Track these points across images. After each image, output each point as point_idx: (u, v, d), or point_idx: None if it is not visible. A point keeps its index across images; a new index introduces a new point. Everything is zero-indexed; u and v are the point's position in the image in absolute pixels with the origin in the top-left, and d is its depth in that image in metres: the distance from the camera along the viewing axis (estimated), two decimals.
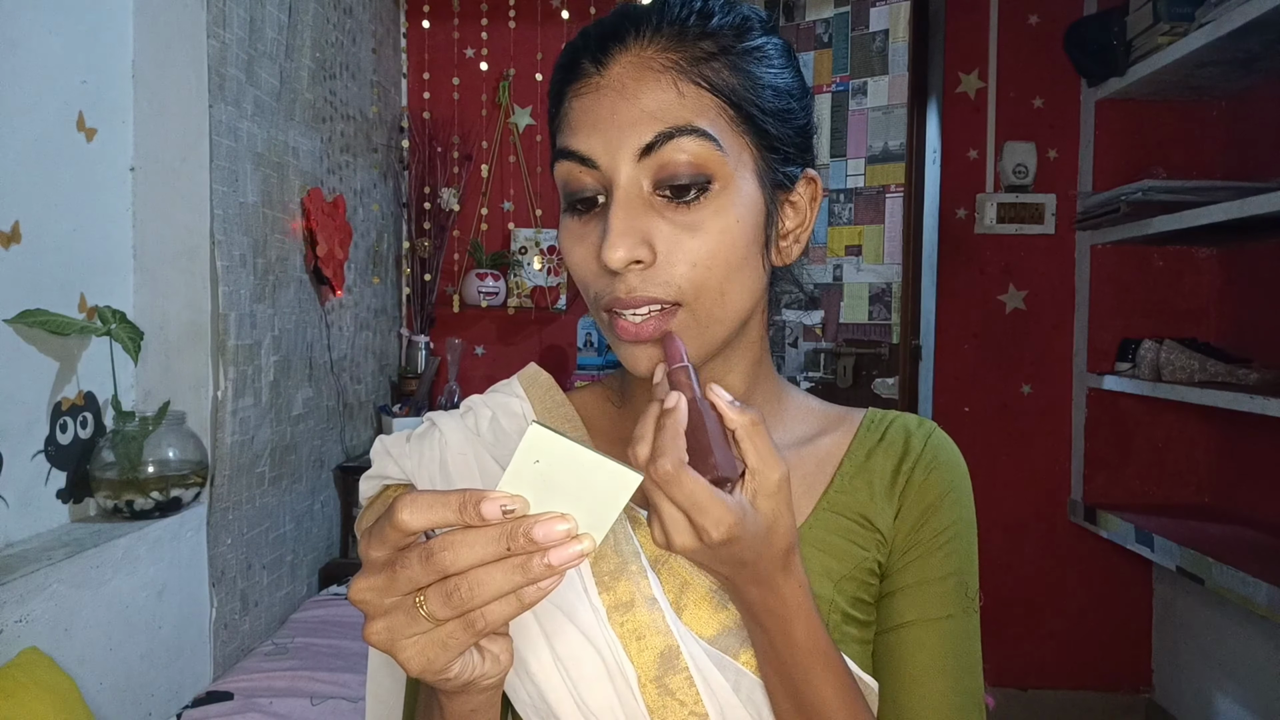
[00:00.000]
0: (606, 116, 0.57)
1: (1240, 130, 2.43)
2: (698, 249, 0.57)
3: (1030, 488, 2.67)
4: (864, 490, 0.67)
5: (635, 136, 0.56)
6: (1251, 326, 2.35)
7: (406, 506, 0.43)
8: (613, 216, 0.56)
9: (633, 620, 0.61)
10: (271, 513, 2.06)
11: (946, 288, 2.64)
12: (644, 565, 0.63)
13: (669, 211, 0.57)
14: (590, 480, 0.43)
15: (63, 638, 1.37)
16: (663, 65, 0.57)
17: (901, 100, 2.39)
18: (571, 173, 0.59)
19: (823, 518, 0.66)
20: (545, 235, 2.97)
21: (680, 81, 0.57)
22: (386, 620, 0.45)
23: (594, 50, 0.59)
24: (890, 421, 0.71)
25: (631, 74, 0.57)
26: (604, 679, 0.60)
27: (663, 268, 0.57)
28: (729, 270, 0.58)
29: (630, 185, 0.57)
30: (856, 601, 0.65)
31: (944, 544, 0.65)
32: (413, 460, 0.67)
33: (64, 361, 1.53)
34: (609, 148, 0.57)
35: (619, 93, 0.57)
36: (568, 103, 0.60)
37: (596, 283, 0.59)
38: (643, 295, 0.57)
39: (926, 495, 0.66)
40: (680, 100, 0.57)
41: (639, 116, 0.56)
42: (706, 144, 0.57)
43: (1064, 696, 2.67)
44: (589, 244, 0.59)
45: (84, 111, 1.57)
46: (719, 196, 0.58)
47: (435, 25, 3.01)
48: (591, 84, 0.59)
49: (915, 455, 0.68)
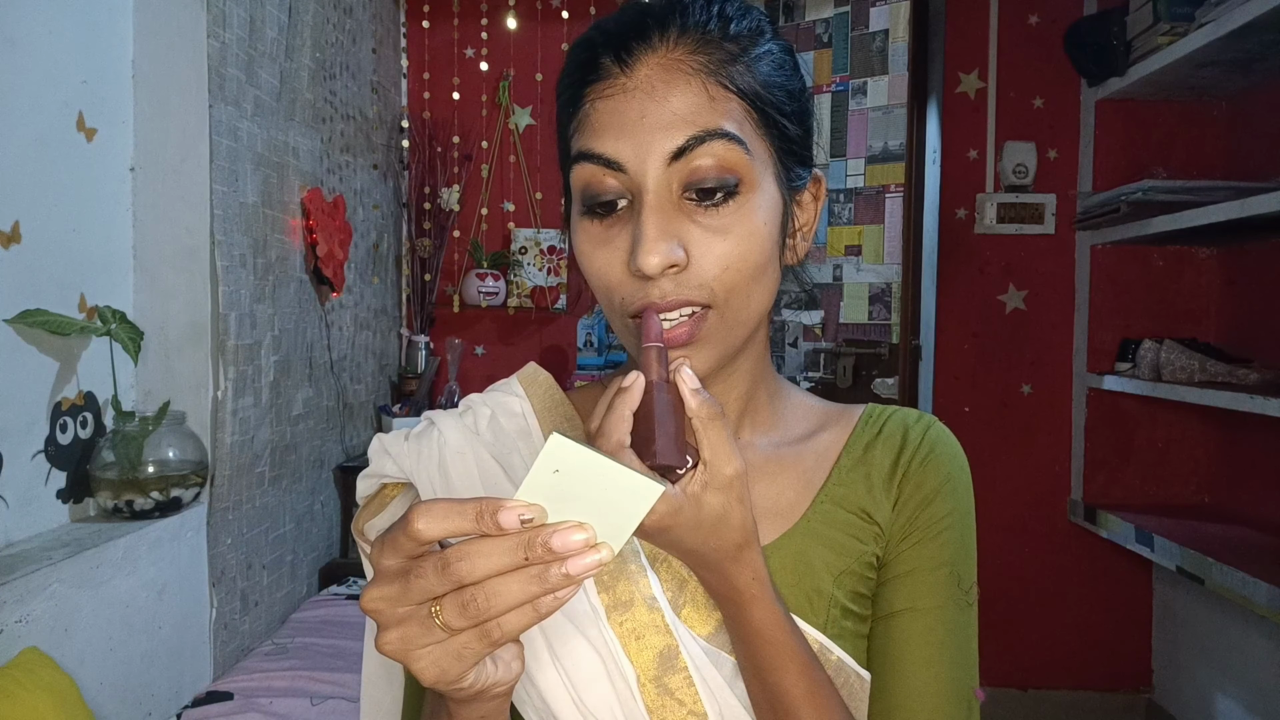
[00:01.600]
0: (635, 119, 0.56)
1: (1240, 130, 2.43)
2: (729, 252, 0.57)
3: (1030, 487, 2.67)
4: (862, 484, 0.67)
5: (666, 140, 0.55)
6: (1251, 326, 2.35)
7: (422, 515, 0.42)
8: (646, 222, 0.55)
9: (632, 620, 0.61)
10: (271, 513, 2.06)
11: (946, 287, 2.64)
12: (643, 564, 0.63)
13: (698, 215, 0.57)
14: (609, 490, 0.43)
15: (63, 638, 1.37)
16: (692, 68, 0.57)
17: (901, 100, 2.40)
18: (595, 176, 0.58)
19: (821, 511, 0.66)
20: (545, 235, 2.97)
21: (709, 85, 0.56)
22: (400, 630, 0.44)
23: (616, 49, 0.58)
24: (888, 416, 0.71)
25: (661, 76, 0.56)
26: (603, 679, 0.60)
27: (695, 271, 0.56)
28: (757, 272, 0.58)
29: (660, 190, 0.56)
30: (855, 595, 0.65)
31: (938, 534, 0.65)
32: (411, 459, 0.66)
33: (64, 361, 1.53)
34: (638, 151, 0.56)
35: (648, 95, 0.56)
36: (589, 104, 0.59)
37: (623, 288, 0.58)
38: (678, 298, 0.56)
39: (924, 486, 0.66)
40: (710, 104, 0.56)
41: (670, 120, 0.56)
42: (735, 147, 0.56)
43: (1064, 696, 2.67)
44: (614, 249, 0.58)
45: (84, 111, 1.57)
46: (746, 200, 0.57)
47: (435, 25, 3.01)
48: (618, 85, 0.57)
49: (913, 447, 0.68)
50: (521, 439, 0.67)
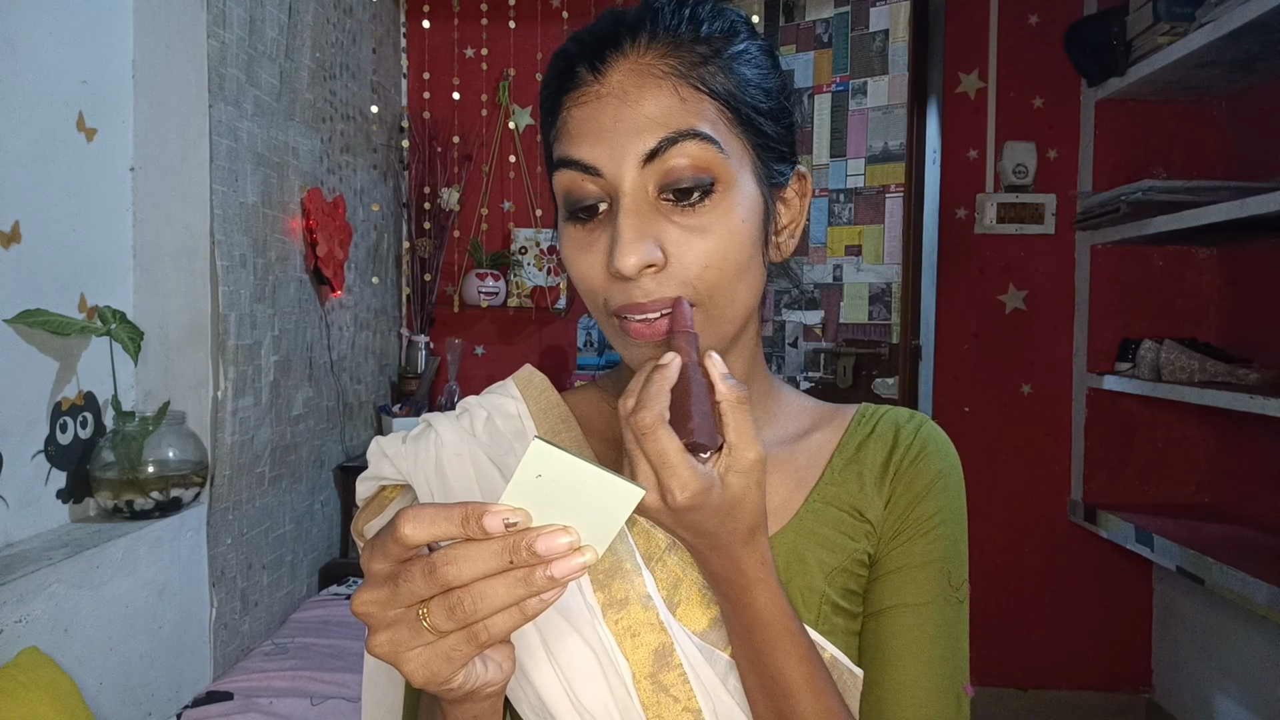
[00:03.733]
0: (609, 124, 0.57)
1: (1240, 130, 2.43)
2: (709, 250, 0.57)
3: (1030, 487, 2.67)
4: (854, 482, 0.68)
5: (639, 143, 0.57)
6: (1251, 326, 2.35)
7: (409, 520, 0.43)
8: (622, 224, 0.56)
9: (627, 618, 0.62)
10: (271, 513, 2.06)
11: (946, 288, 2.64)
12: (639, 563, 0.63)
13: (676, 215, 0.58)
14: (592, 494, 0.43)
15: (63, 638, 1.37)
16: (663, 71, 0.58)
17: (901, 100, 2.39)
18: (574, 181, 0.59)
19: (814, 509, 0.67)
20: (545, 235, 2.97)
21: (680, 87, 0.57)
22: (390, 633, 0.45)
23: (590, 58, 0.59)
24: (881, 415, 0.72)
25: (633, 81, 0.58)
26: (599, 677, 0.60)
27: (675, 270, 0.57)
28: (739, 269, 0.59)
29: (636, 192, 0.57)
30: (846, 593, 0.66)
31: (928, 530, 0.66)
32: (408, 461, 0.67)
33: (64, 361, 1.53)
34: (613, 155, 0.57)
35: (621, 100, 0.57)
36: (566, 112, 0.60)
37: (606, 289, 0.60)
38: (660, 298, 0.57)
39: (915, 484, 0.67)
40: (682, 105, 0.57)
41: (642, 123, 0.57)
42: (709, 147, 0.57)
43: (1064, 696, 2.67)
44: (596, 252, 0.59)
45: (84, 111, 1.57)
46: (723, 198, 0.58)
47: (435, 25, 3.01)
48: (591, 92, 0.59)
49: (905, 445, 0.68)
50: (517, 440, 0.68)
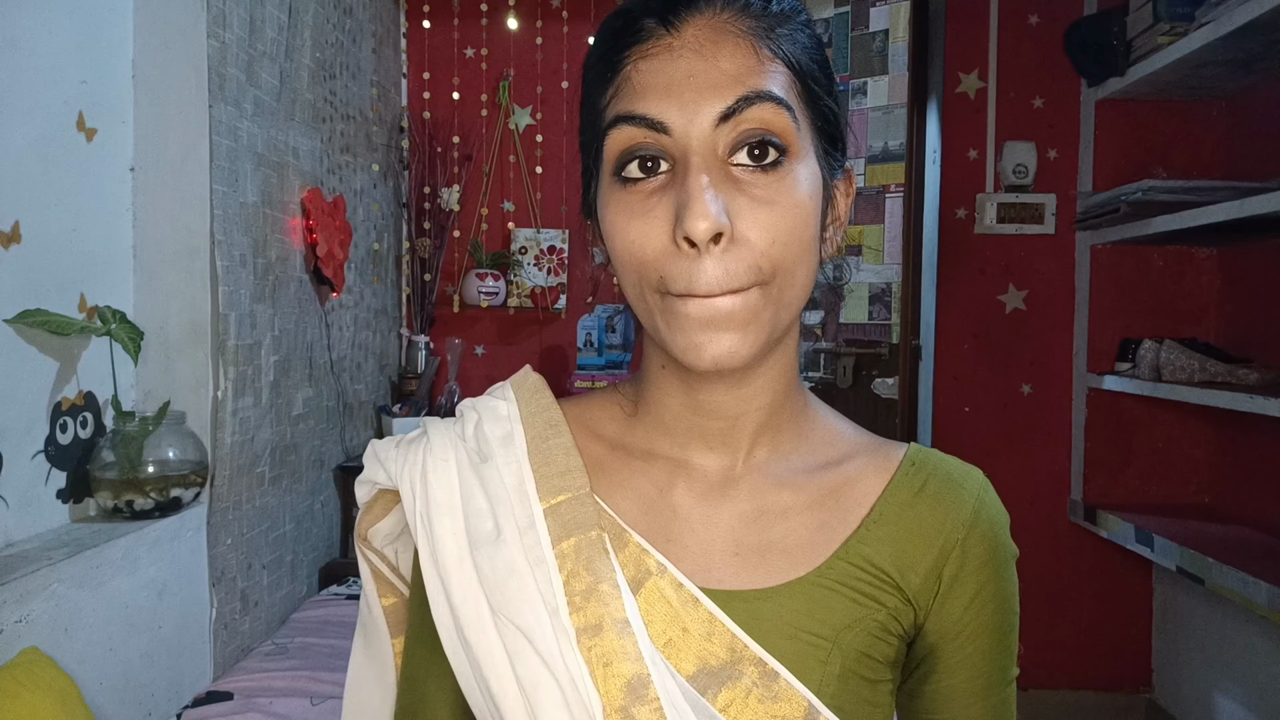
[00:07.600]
0: (682, 79, 0.53)
1: (1240, 130, 2.43)
2: (775, 223, 0.53)
3: (1030, 487, 2.67)
4: (891, 545, 0.61)
5: (717, 100, 0.53)
6: (1251, 326, 2.35)
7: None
8: (692, 184, 0.52)
9: (600, 645, 0.56)
10: (271, 513, 2.06)
11: (946, 288, 2.64)
12: (619, 586, 0.58)
13: (744, 182, 0.54)
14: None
15: (63, 638, 1.37)
16: (741, 30, 0.55)
17: (901, 100, 2.39)
18: (634, 139, 0.55)
19: (841, 567, 0.60)
20: (545, 235, 2.97)
21: (759, 46, 0.54)
22: None
23: (662, 12, 0.55)
24: (933, 468, 0.64)
25: (709, 36, 0.54)
26: (562, 708, 0.55)
27: (743, 251, 0.53)
28: (802, 249, 0.55)
29: (708, 152, 0.53)
30: (863, 656, 0.59)
31: (997, 624, 0.63)
32: (397, 465, 0.66)
33: (64, 361, 1.53)
34: (685, 111, 0.53)
35: (696, 53, 0.54)
36: (631, 65, 0.55)
37: (661, 263, 0.54)
38: (727, 288, 0.53)
39: (981, 572, 0.62)
40: (760, 66, 0.54)
41: (720, 79, 0.53)
42: (784, 113, 0.54)
43: (1064, 696, 2.67)
44: (654, 219, 0.54)
45: (84, 111, 1.57)
46: (791, 170, 0.55)
47: (435, 25, 3.01)
48: (663, 44, 0.55)
49: (966, 523, 0.62)
50: (502, 444, 0.65)
